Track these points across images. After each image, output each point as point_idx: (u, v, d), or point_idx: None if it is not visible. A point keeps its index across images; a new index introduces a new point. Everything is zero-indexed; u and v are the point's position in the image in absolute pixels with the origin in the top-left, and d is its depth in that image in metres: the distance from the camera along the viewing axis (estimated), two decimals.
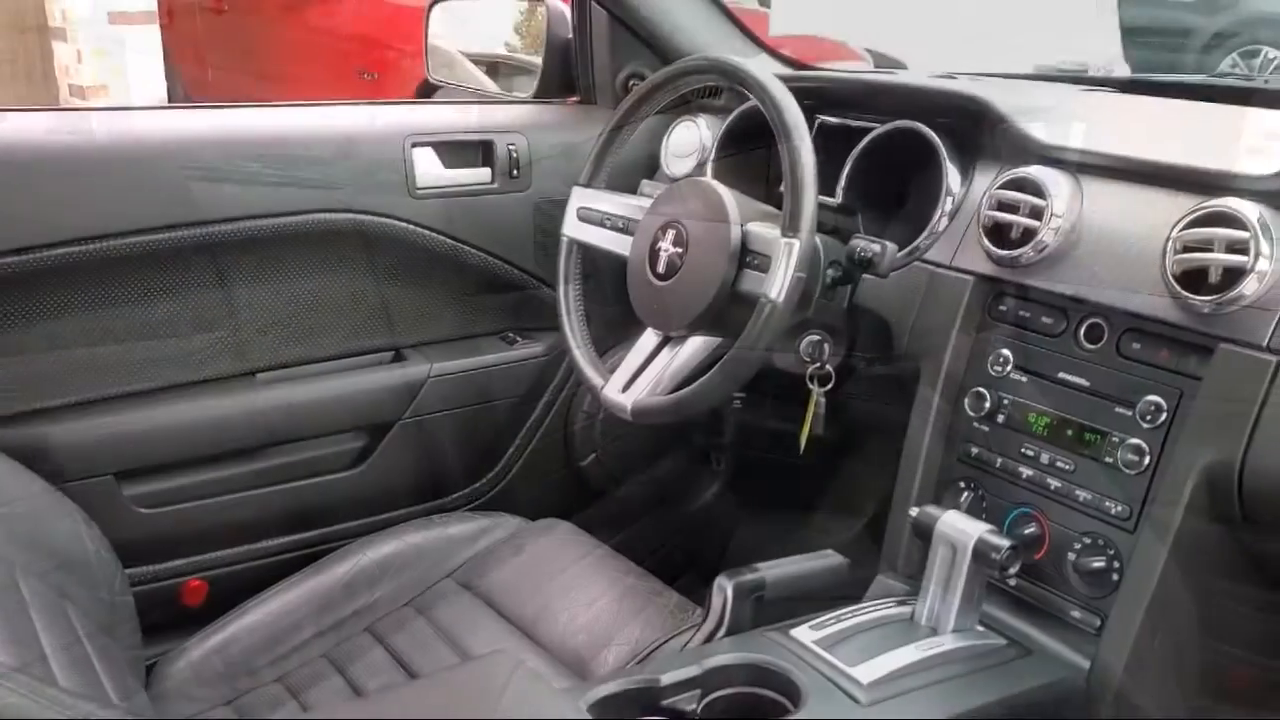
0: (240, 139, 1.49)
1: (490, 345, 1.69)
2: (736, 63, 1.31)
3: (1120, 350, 1.14)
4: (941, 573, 1.11)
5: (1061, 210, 1.20)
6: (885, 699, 1.01)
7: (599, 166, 1.47)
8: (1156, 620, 1.07)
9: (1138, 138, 1.23)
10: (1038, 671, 1.09)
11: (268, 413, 1.53)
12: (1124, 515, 1.11)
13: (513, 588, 1.42)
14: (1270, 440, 1.00)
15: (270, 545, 1.57)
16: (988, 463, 1.24)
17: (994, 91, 1.33)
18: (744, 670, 1.05)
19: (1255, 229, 1.03)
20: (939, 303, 1.30)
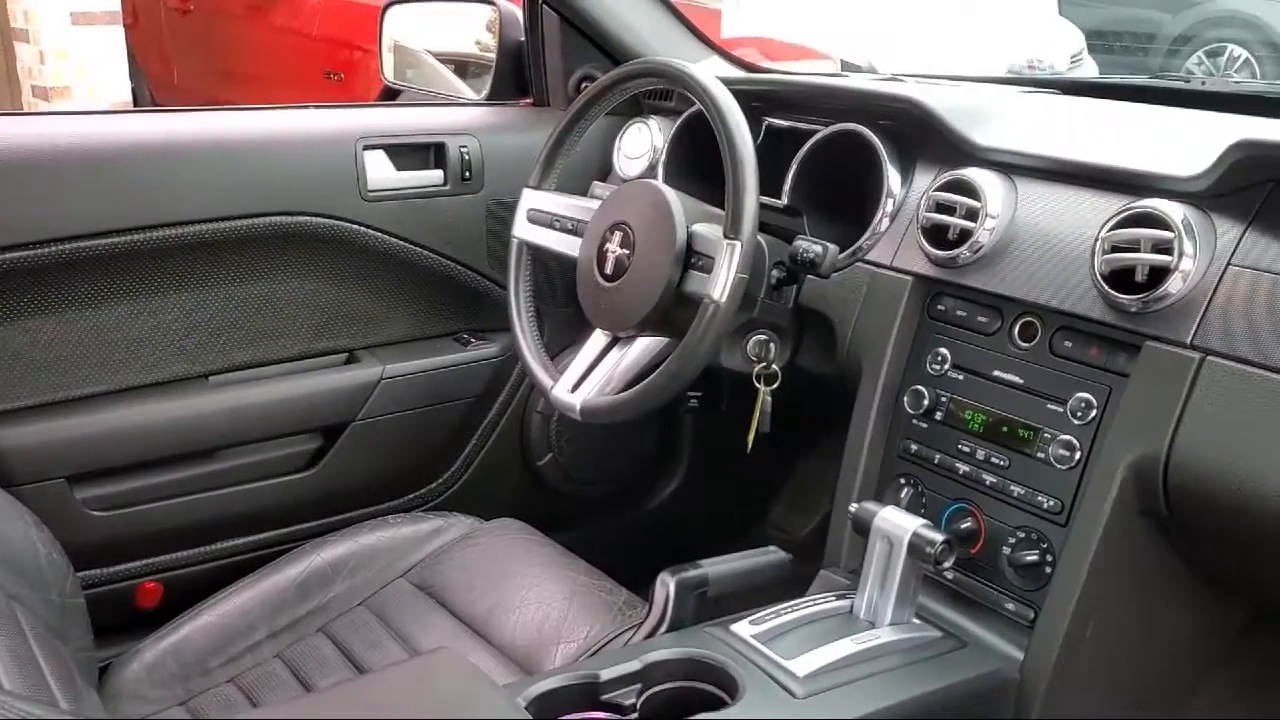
0: (192, 143, 1.50)
1: (444, 346, 1.70)
2: (680, 66, 1.32)
3: (1052, 348, 1.17)
4: (879, 567, 1.13)
5: (996, 211, 1.22)
6: (820, 691, 1.03)
7: (548, 168, 1.48)
8: (1087, 612, 1.10)
9: (1072, 139, 1.25)
10: (972, 663, 1.12)
11: (221, 415, 1.53)
12: (1056, 510, 1.14)
13: (465, 587, 1.44)
14: (1193, 436, 1.03)
15: (224, 547, 1.58)
16: (926, 459, 1.26)
17: (933, 95, 1.35)
18: (683, 665, 1.06)
19: (1179, 230, 1.06)
20: (880, 302, 1.32)
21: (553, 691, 1.01)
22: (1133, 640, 1.17)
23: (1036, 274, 1.18)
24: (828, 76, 1.64)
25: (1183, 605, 1.20)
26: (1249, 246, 1.05)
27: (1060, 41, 6.03)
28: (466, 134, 1.66)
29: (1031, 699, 1.11)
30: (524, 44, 1.75)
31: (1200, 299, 1.05)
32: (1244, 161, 1.04)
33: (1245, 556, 1.11)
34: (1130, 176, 1.14)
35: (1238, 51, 7.76)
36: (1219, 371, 1.02)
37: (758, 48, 2.68)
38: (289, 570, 1.47)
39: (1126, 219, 1.10)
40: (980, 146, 1.28)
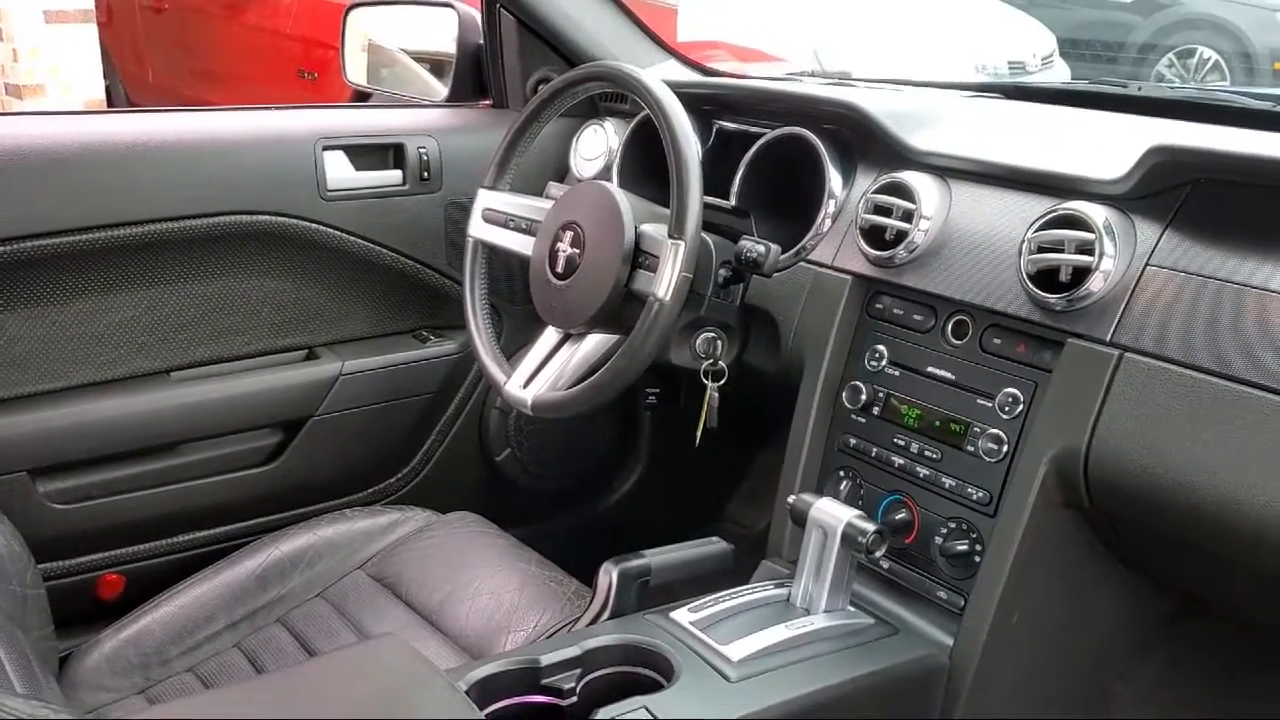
0: (154, 143, 1.52)
1: (403, 343, 1.73)
2: (627, 70, 1.36)
3: (983, 345, 1.21)
4: (814, 556, 1.17)
5: (930, 213, 1.26)
6: (753, 675, 1.07)
7: (503, 169, 1.51)
8: (1013, 599, 1.14)
9: (1004, 144, 1.30)
10: (903, 648, 1.16)
11: (182, 410, 1.56)
12: (985, 501, 1.18)
13: (420, 578, 1.47)
14: (1111, 429, 1.07)
15: (185, 540, 1.60)
16: (864, 452, 1.30)
17: (873, 100, 1.39)
18: (621, 650, 1.10)
19: (1100, 231, 1.11)
20: (821, 301, 1.36)
21: (494, 676, 1.04)
22: (1060, 627, 1.21)
23: (968, 274, 1.22)
24: (776, 81, 1.68)
25: (1109, 594, 1.24)
26: (1167, 247, 1.09)
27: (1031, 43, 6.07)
28: (425, 135, 1.69)
29: (961, 683, 1.15)
30: (482, 47, 1.78)
31: (1120, 298, 1.09)
32: (1161, 166, 1.09)
33: (1165, 548, 1.15)
34: (1056, 180, 1.19)
35: (1208, 54, 7.86)
36: (1136, 368, 1.06)
37: (713, 51, 2.72)
38: (248, 562, 1.50)
39: (1051, 221, 1.14)
40: (916, 150, 1.32)
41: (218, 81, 5.48)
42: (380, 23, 2.00)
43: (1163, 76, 8.00)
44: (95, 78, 5.26)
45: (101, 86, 5.34)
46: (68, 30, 5.05)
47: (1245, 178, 1.07)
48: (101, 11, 5.76)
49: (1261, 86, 7.92)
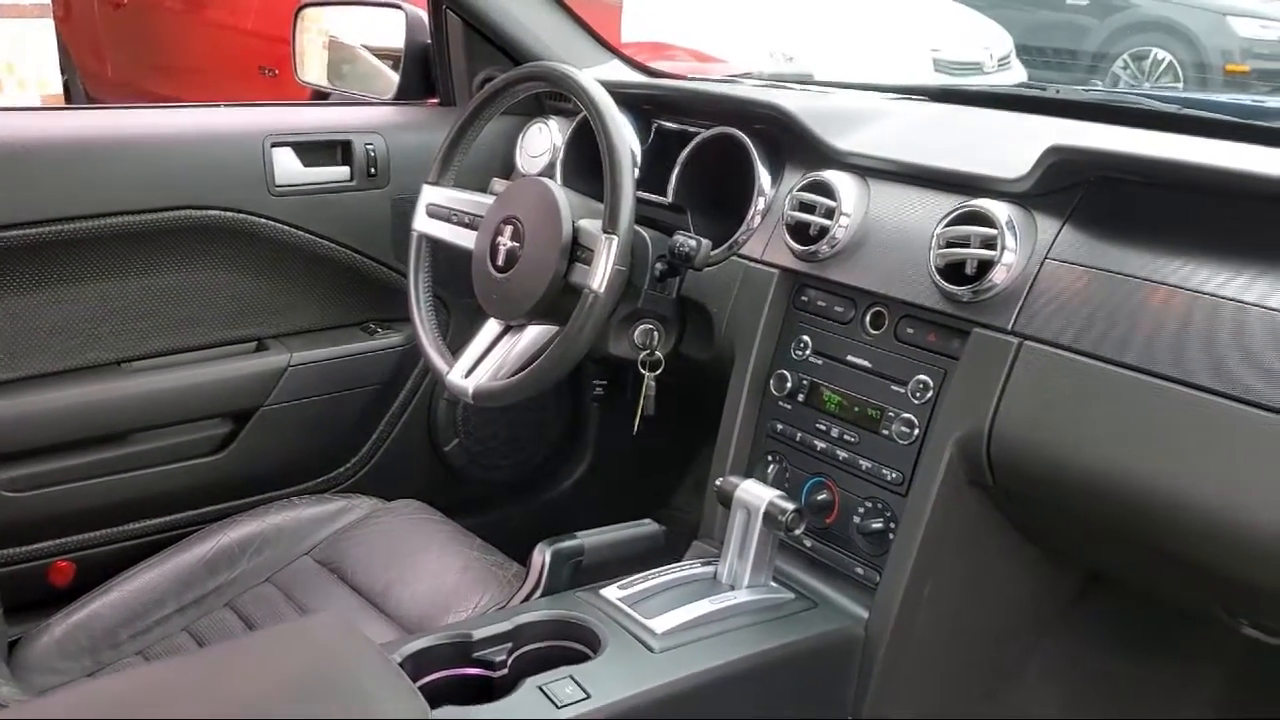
0: (104, 139, 1.56)
1: (351, 335, 1.77)
2: (565, 70, 1.41)
3: (897, 335, 1.28)
4: (739, 535, 1.23)
5: (850, 210, 1.33)
6: (676, 646, 1.12)
7: (446, 165, 1.56)
8: (924, 574, 1.21)
9: (921, 144, 1.36)
10: (821, 621, 1.22)
11: (133, 400, 1.60)
12: (898, 482, 1.24)
13: (365, 563, 1.51)
14: (1011, 412, 1.14)
15: (137, 527, 1.64)
16: (789, 437, 1.36)
17: (799, 102, 1.45)
18: (551, 625, 1.16)
19: (1003, 227, 1.17)
20: (751, 294, 1.42)
21: (426, 649, 1.10)
22: (970, 601, 1.28)
23: (885, 267, 1.29)
24: (713, 82, 1.74)
25: (1018, 569, 1.31)
26: (1065, 242, 1.16)
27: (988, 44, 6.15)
28: (373, 132, 1.74)
29: (875, 653, 1.22)
30: (429, 46, 1.83)
31: (1021, 289, 1.16)
32: (1057, 165, 1.15)
33: (1067, 525, 1.22)
34: (964, 178, 1.25)
35: (1161, 56, 8.01)
36: (1034, 355, 1.13)
37: (655, 52, 2.78)
38: (197, 549, 1.54)
39: (958, 217, 1.21)
40: (838, 150, 1.38)
41: (178, 77, 5.47)
42: (341, 20, 2.03)
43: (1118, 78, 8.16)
44: (52, 73, 5.25)
45: (59, 82, 5.33)
46: (23, 25, 5.03)
47: (1137, 177, 1.14)
48: (59, 6, 5.74)
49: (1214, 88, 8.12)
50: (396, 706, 0.94)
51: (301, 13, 1.94)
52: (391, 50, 1.89)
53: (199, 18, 5.31)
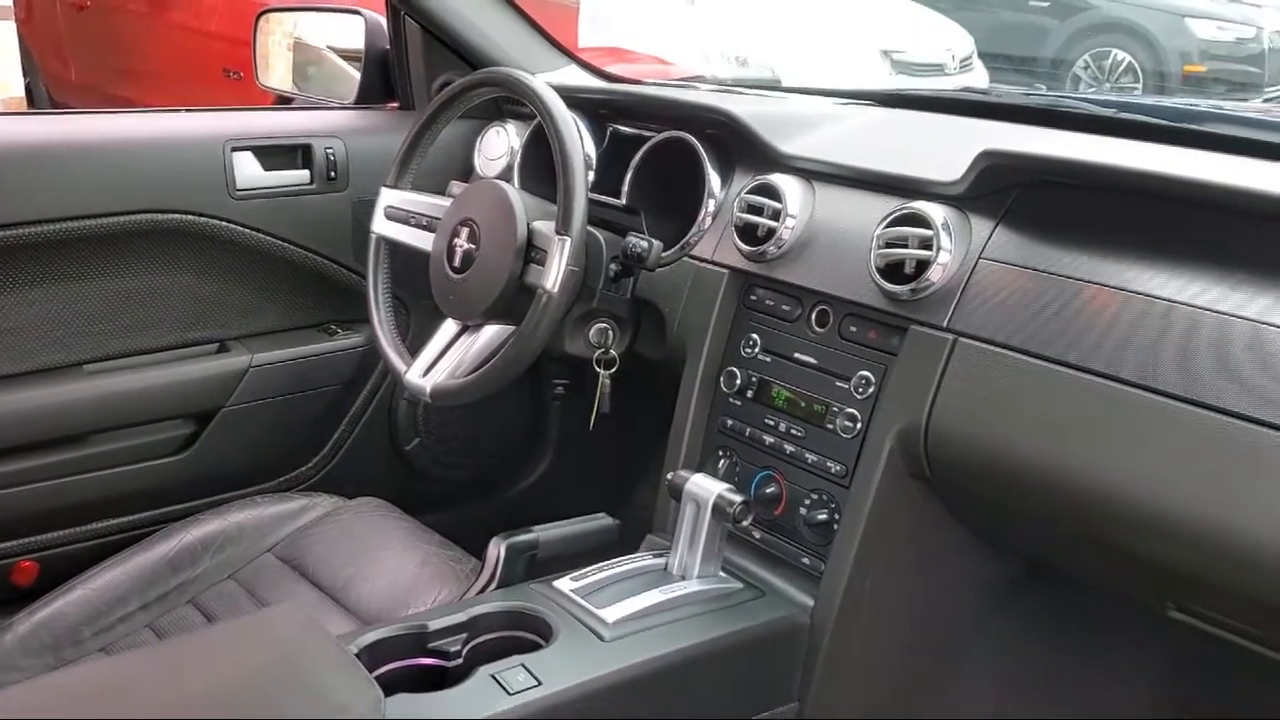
0: (66, 144, 1.58)
1: (312, 336, 1.80)
2: (518, 76, 1.45)
3: (841, 333, 1.32)
4: (689, 527, 1.27)
5: (796, 211, 1.37)
6: (626, 635, 1.16)
7: (404, 168, 1.59)
8: (866, 563, 1.25)
9: (865, 148, 1.41)
10: (768, 609, 1.26)
11: (95, 401, 1.62)
12: (842, 474, 1.29)
13: (326, 560, 1.54)
14: (947, 407, 1.19)
15: (100, 527, 1.66)
16: (739, 433, 1.41)
17: (747, 107, 1.50)
18: (505, 616, 1.19)
19: (939, 228, 1.22)
20: (702, 293, 1.46)
21: (382, 640, 1.13)
22: (911, 589, 1.32)
23: (828, 267, 1.33)
24: (667, 87, 1.77)
25: (959, 558, 1.35)
26: (998, 243, 1.21)
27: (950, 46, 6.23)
28: (333, 136, 1.76)
29: (820, 641, 1.26)
30: (389, 51, 1.85)
31: (956, 288, 1.21)
32: (990, 169, 1.20)
33: (1004, 516, 1.27)
34: (904, 181, 1.30)
35: (1121, 56, 8.14)
36: (968, 351, 1.18)
37: (612, 56, 2.82)
38: (160, 547, 1.56)
39: (897, 219, 1.25)
40: (784, 154, 1.42)
41: (142, 80, 5.46)
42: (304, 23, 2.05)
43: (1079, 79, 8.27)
44: (15, 76, 5.23)
45: (21, 85, 5.31)
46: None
47: (1067, 180, 1.19)
48: (20, 9, 5.71)
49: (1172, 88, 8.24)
50: (352, 695, 0.98)
51: (262, 17, 1.97)
52: (355, 51, 1.92)
53: (163, 20, 5.31)
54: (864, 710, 1.32)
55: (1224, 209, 1.09)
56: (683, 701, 1.17)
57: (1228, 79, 7.82)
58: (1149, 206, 1.15)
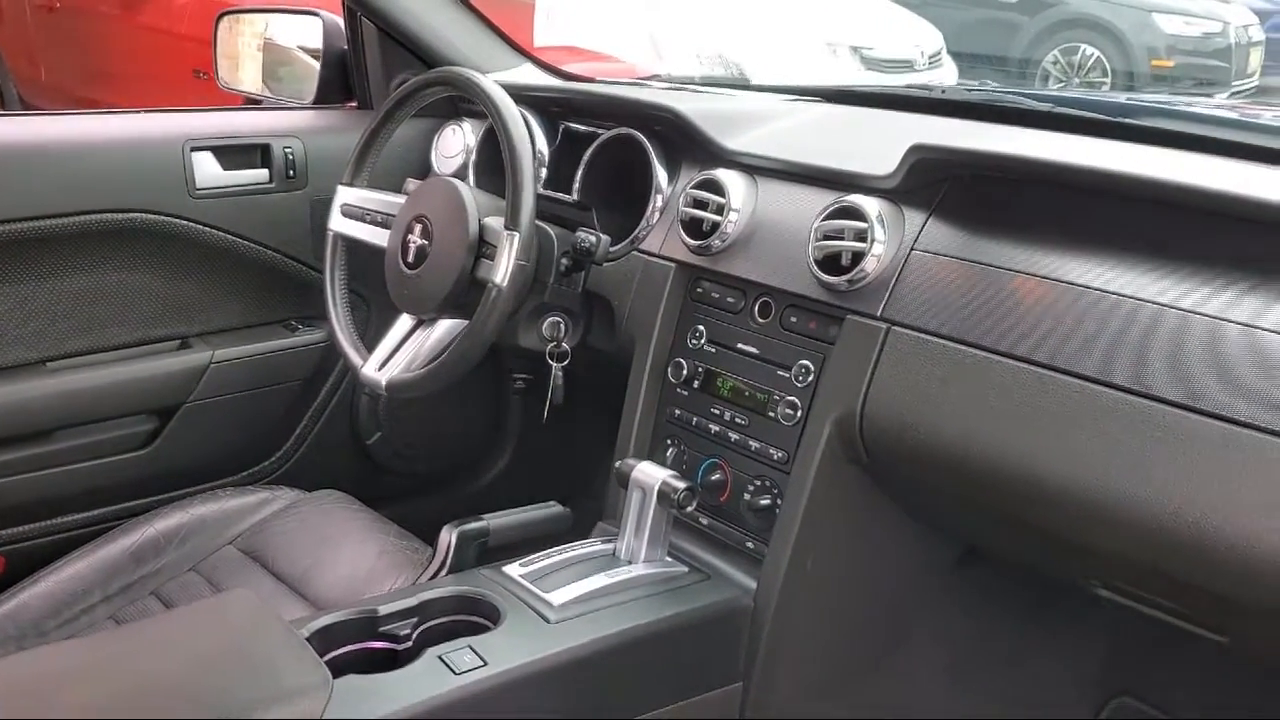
0: (25, 145, 1.60)
1: (273, 333, 1.82)
2: (468, 75, 1.48)
3: (783, 323, 1.36)
4: (635, 513, 1.31)
5: (739, 206, 1.41)
6: (572, 617, 1.20)
7: (360, 166, 1.62)
8: (806, 547, 1.29)
9: (806, 144, 1.44)
10: (712, 592, 1.30)
11: (58, 397, 1.64)
12: (783, 461, 1.33)
13: (286, 551, 1.57)
14: (881, 394, 1.23)
15: (64, 521, 1.68)
16: (686, 422, 1.44)
17: (693, 104, 1.53)
18: (454, 601, 1.22)
19: (873, 220, 1.26)
20: (650, 286, 1.50)
21: (334, 625, 1.16)
22: (852, 572, 1.36)
23: (770, 260, 1.37)
24: (620, 85, 1.81)
25: (898, 543, 1.39)
26: (930, 234, 1.25)
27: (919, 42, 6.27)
28: (292, 136, 1.79)
29: (762, 622, 1.30)
30: (347, 52, 1.88)
31: (890, 278, 1.25)
32: (920, 163, 1.24)
33: (940, 500, 1.31)
34: (841, 175, 1.34)
35: (1090, 52, 8.23)
36: (901, 339, 1.22)
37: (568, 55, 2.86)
38: (123, 540, 1.58)
39: (834, 212, 1.29)
40: (728, 150, 1.46)
41: (112, 81, 5.45)
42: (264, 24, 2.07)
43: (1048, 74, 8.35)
44: None
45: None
46: None
47: (994, 172, 1.23)
48: None
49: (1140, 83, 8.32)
50: (300, 676, 1.01)
51: (223, 19, 1.99)
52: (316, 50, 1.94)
53: (132, 22, 5.30)
54: (807, 689, 1.36)
55: (1146, 201, 1.14)
56: (627, 680, 1.21)
57: (1195, 74, 7.91)
58: (1075, 199, 1.19)
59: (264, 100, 2.01)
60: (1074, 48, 8.32)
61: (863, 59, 6.00)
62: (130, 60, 5.37)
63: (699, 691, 1.28)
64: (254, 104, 2.26)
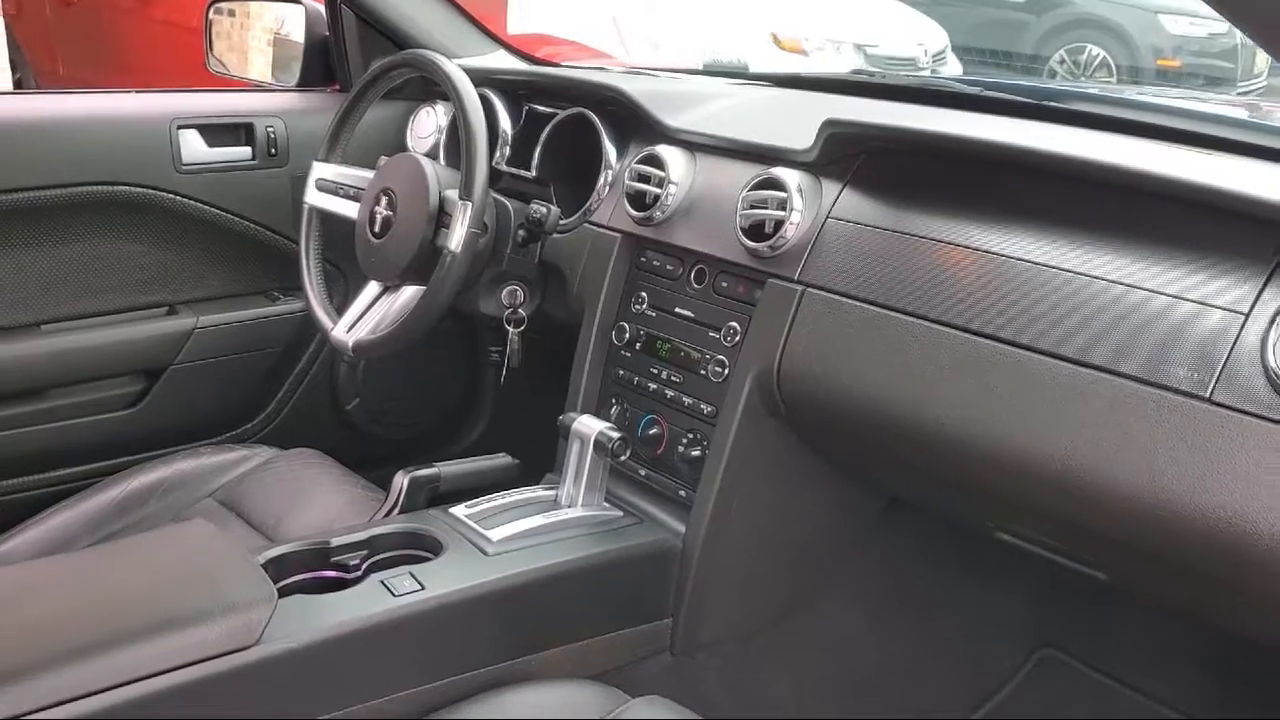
0: (27, 120, 1.72)
1: (255, 302, 1.94)
2: (430, 57, 1.59)
3: (715, 288, 1.46)
4: (575, 462, 1.41)
5: (678, 179, 1.51)
6: (508, 551, 1.30)
7: (334, 144, 1.74)
8: (729, 494, 1.39)
9: (742, 122, 1.54)
10: (644, 533, 1.40)
11: (52, 357, 1.75)
12: (711, 415, 1.43)
13: (261, 502, 1.68)
14: (795, 350, 1.33)
15: (56, 475, 1.79)
16: (628, 381, 1.55)
17: (639, 85, 1.64)
18: (401, 536, 1.33)
19: (793, 191, 1.36)
20: (598, 256, 1.60)
21: (287, 555, 1.27)
22: (775, 519, 1.46)
23: (705, 229, 1.47)
24: (581, 69, 1.91)
25: (821, 493, 1.49)
26: (844, 203, 1.35)
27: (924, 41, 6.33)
28: (274, 116, 1.90)
29: (689, 562, 1.40)
30: (328, 38, 1.99)
31: (806, 244, 1.35)
32: (833, 137, 1.34)
33: (856, 451, 1.41)
34: (768, 150, 1.44)
35: (1096, 52, 8.28)
36: (814, 300, 1.32)
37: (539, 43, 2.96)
38: (110, 492, 1.69)
39: (758, 183, 1.39)
40: (670, 127, 1.56)
41: (127, 73, 5.59)
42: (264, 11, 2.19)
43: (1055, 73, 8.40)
44: (3, 69, 5.37)
45: (9, 78, 5.45)
46: None
47: (900, 146, 1.33)
48: (10, 4, 5.85)
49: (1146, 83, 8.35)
50: (247, 590, 1.12)
51: (212, 7, 2.11)
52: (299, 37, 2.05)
53: (147, 15, 5.44)
54: (733, 626, 1.46)
55: (1041, 172, 1.23)
56: (559, 610, 1.31)
57: (1201, 73, 7.95)
58: (975, 172, 1.29)
59: (250, 84, 2.12)
60: (1080, 48, 8.37)
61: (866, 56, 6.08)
62: (145, 53, 5.51)
63: (630, 624, 1.39)
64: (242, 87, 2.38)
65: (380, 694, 1.17)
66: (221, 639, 1.06)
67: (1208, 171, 1.09)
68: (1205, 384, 1.00)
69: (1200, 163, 1.17)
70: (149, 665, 1.02)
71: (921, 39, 6.36)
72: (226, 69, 2.15)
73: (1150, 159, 1.15)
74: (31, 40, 6.20)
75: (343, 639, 1.14)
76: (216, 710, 1.06)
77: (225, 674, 1.06)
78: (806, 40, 5.56)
